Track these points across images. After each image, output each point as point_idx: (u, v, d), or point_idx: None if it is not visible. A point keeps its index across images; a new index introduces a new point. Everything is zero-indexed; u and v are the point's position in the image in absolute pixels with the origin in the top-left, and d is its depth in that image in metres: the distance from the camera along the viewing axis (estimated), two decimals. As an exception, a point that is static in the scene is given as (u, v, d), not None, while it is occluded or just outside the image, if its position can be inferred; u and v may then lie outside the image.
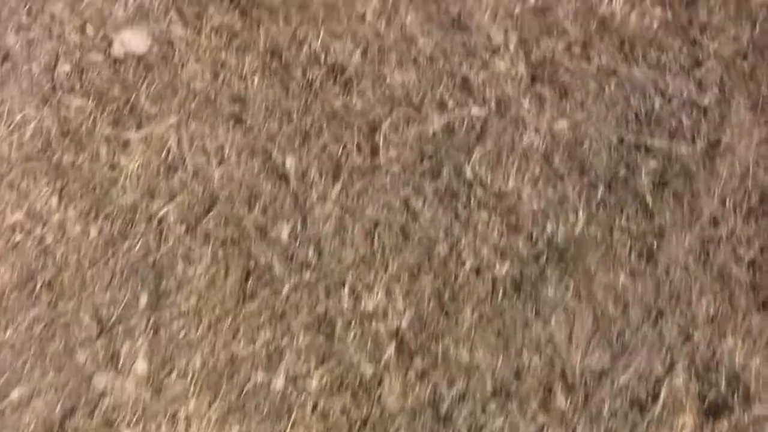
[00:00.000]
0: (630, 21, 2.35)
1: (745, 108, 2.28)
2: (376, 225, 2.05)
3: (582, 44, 2.29)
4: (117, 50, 2.21)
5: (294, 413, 1.91)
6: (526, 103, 2.20)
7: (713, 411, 1.97)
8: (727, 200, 2.17)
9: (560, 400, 1.95)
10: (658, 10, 2.38)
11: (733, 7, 2.39)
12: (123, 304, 1.98)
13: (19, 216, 2.03)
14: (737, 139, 2.22)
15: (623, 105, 2.25)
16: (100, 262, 2.01)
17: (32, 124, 2.10)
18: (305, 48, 2.21)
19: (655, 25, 2.36)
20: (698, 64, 2.32)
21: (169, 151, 2.09)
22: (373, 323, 1.96)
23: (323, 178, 2.08)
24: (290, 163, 2.08)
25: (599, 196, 2.14)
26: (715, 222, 2.15)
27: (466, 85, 2.21)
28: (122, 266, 2.02)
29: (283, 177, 2.07)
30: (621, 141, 2.21)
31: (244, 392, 1.92)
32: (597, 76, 2.27)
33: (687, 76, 2.31)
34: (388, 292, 1.99)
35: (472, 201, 2.09)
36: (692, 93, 2.28)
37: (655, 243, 2.11)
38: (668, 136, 2.23)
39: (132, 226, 2.04)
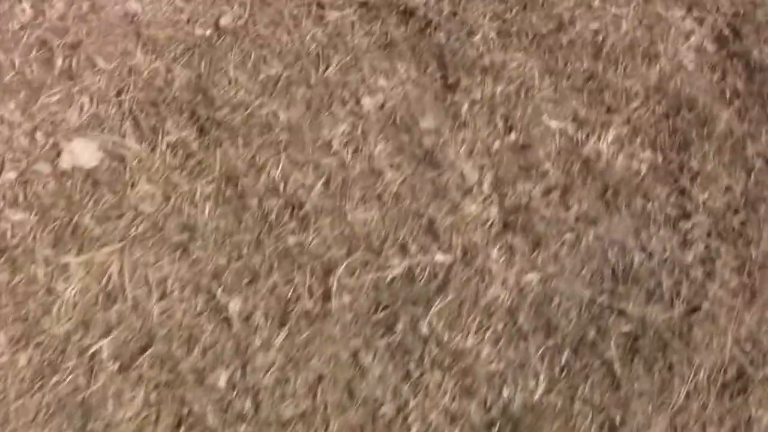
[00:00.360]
0: (616, 164, 2.41)
1: (730, 269, 2.34)
2: (320, 379, 2.11)
3: (562, 189, 2.35)
4: (65, 162, 2.28)
5: None
6: (494, 252, 2.26)
7: None
8: (702, 373, 2.22)
9: None
10: (648, 153, 2.44)
11: (729, 154, 2.45)
12: (45, 444, 2.04)
13: (-56, 337, 2.11)
14: (718, 306, 2.28)
15: (600, 259, 2.31)
16: (26, 394, 2.08)
17: (-32, 237, 2.18)
18: (263, 176, 2.28)
19: (643, 170, 2.42)
20: (685, 216, 2.38)
21: (109, 279, 2.16)
22: (307, 488, 2.02)
23: (269, 323, 2.15)
24: (235, 304, 2.14)
25: (563, 360, 2.20)
26: (686, 396, 2.19)
27: (431, 228, 2.27)
28: (49, 401, 2.08)
29: (226, 319, 2.13)
30: (593, 300, 2.26)
31: None
32: (575, 225, 2.33)
33: (672, 230, 2.37)
34: (326, 455, 2.05)
35: (425, 359, 2.14)
36: (675, 249, 2.34)
37: (619, 416, 2.17)
38: (645, 297, 2.29)
39: (63, 358, 2.11)
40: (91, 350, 2.14)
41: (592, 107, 2.54)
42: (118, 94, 2.42)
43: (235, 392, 2.13)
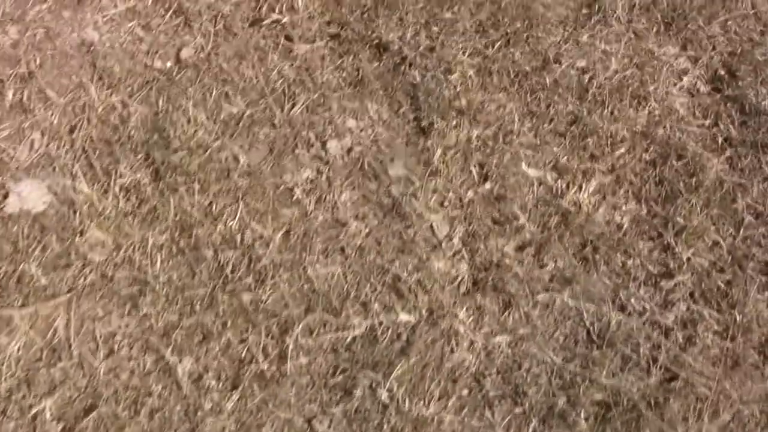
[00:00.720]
0: (597, 216, 2.40)
1: (713, 333, 2.33)
2: (272, 446, 2.11)
3: (537, 245, 2.35)
4: (12, 205, 2.28)
5: None
6: (462, 312, 2.26)
7: None
8: (676, 447, 2.21)
9: None
10: (631, 204, 2.43)
11: (717, 207, 2.44)
12: (-19, 508, 2.05)
13: None
14: (697, 374, 2.25)
15: (575, 321, 2.31)
16: (-38, 454, 2.08)
17: None
18: (220, 225, 2.27)
19: (625, 224, 2.41)
20: (668, 274, 2.38)
21: (55, 334, 2.17)
22: None
23: (220, 385, 2.15)
24: (185, 364, 2.15)
25: (531, 431, 2.18)
26: (659, 471, 2.20)
27: (396, 285, 2.27)
28: (-13, 461, 2.08)
29: (176, 380, 2.12)
30: (565, 366, 2.24)
31: None
32: (549, 284, 2.33)
33: (653, 288, 2.36)
34: None
35: (384, 427, 2.16)
36: (655, 310, 2.33)
37: (587, 492, 2.16)
38: (620, 363, 2.29)
39: (4, 418, 2.11)
40: (34, 410, 2.15)
41: (574, 154, 2.51)
42: (71, 131, 2.41)
43: (182, 459, 2.13)
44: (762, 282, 2.47)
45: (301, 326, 2.25)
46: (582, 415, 2.26)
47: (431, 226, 2.40)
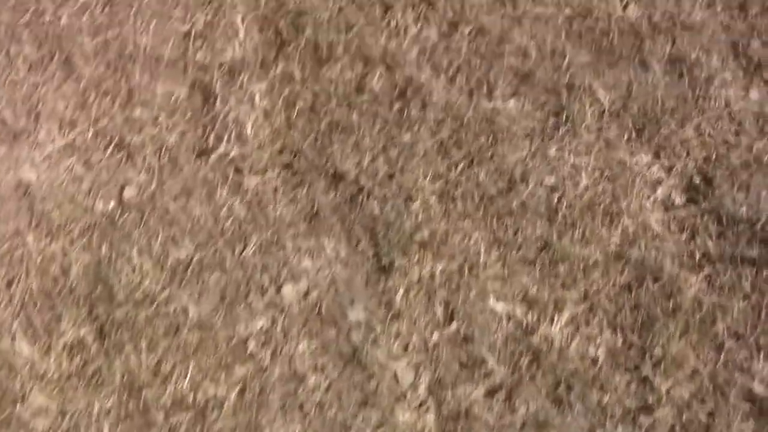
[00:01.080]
0: (570, 352, 2.31)
1: (696, 474, 2.22)
2: None
3: (508, 389, 2.24)
4: (-53, 371, 2.14)
5: None
6: (428, 471, 2.15)
7: None
8: None
9: None
10: (606, 334, 2.33)
11: (696, 332, 2.33)
12: None
13: None
14: None
15: (549, 469, 2.19)
16: None
17: None
18: (170, 386, 2.15)
19: (600, 357, 2.32)
20: (647, 409, 2.29)
21: None
22: None
23: None
24: None
25: None
26: None
27: (359, 445, 2.16)
28: None
29: None
30: None
31: None
32: (521, 431, 2.19)
33: (632, 426, 2.26)
34: None
35: None
36: (635, 452, 2.22)
37: None
38: None
39: None
40: None
41: (545, 283, 2.41)
42: (9, 284, 2.31)
43: None
44: (746, 410, 2.37)
45: (258, 497, 2.14)
46: None
47: (395, 375, 2.29)
